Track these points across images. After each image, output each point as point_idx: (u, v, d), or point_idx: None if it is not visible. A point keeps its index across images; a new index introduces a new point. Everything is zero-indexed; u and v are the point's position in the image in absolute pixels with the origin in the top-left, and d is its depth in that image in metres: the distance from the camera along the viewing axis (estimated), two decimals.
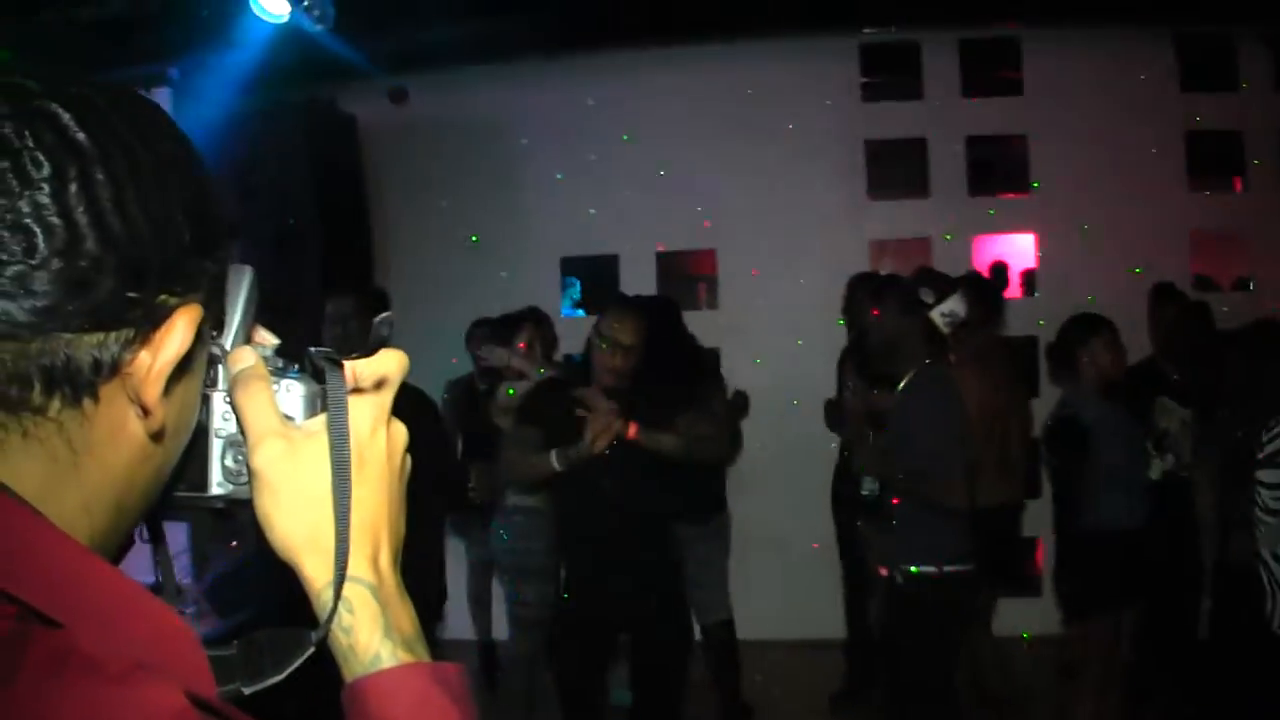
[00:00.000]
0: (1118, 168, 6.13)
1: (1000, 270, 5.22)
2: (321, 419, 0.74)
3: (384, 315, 0.80)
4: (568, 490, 3.77)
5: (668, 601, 3.80)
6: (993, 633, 4.91)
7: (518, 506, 4.60)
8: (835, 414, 5.24)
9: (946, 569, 3.50)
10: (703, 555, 5.05)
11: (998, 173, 6.25)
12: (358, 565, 0.73)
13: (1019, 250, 6.53)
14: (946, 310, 3.61)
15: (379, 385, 0.77)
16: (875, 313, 4.30)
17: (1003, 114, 6.23)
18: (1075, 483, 4.05)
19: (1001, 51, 6.20)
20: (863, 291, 5.16)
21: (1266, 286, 6.27)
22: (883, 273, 5.65)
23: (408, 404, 0.77)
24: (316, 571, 0.72)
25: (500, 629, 5.19)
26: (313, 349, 0.75)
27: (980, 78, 6.21)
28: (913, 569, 3.53)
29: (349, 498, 0.72)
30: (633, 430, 3.56)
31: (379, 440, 0.76)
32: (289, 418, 0.75)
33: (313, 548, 0.72)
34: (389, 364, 0.77)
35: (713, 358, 5.31)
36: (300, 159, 6.28)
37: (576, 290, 6.30)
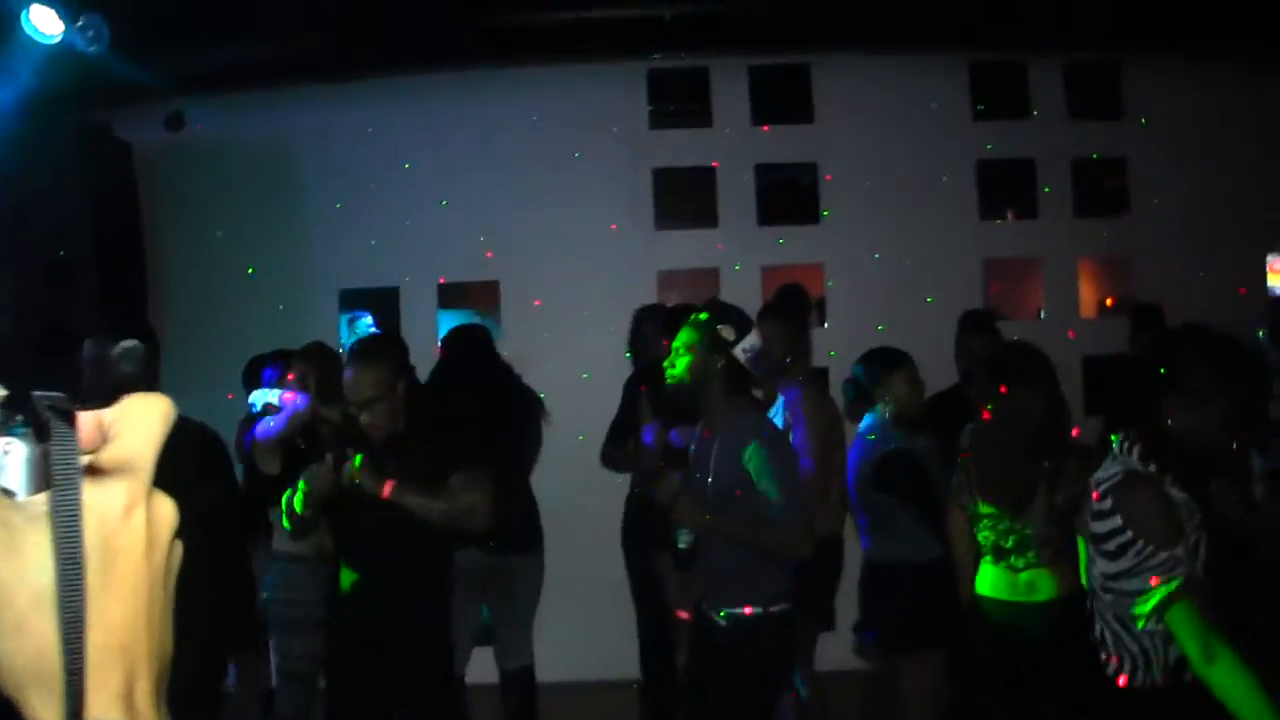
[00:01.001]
0: (909, 196, 6.12)
1: (796, 293, 5.04)
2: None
3: (126, 345, 0.50)
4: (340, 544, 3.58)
5: (436, 664, 3.61)
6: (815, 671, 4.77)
7: (283, 553, 4.42)
8: (617, 456, 5.13)
9: (771, 609, 3.34)
10: (520, 590, 4.88)
11: (787, 201, 6.18)
12: (102, 704, 0.52)
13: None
14: (748, 346, 3.46)
15: (126, 468, 0.54)
16: (666, 344, 4.21)
17: (793, 142, 6.18)
18: (898, 516, 4.01)
19: (791, 79, 6.13)
20: (650, 323, 5.05)
21: (1057, 314, 6.29)
22: (669, 304, 5.54)
23: (193, 444, 0.55)
24: (44, 713, 0.51)
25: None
26: (38, 393, 0.54)
27: (770, 105, 6.14)
28: (735, 611, 3.37)
29: (82, 611, 0.51)
30: (387, 489, 3.30)
31: (135, 525, 0.54)
32: (8, 492, 0.53)
33: (38, 679, 0.51)
34: (146, 416, 0.56)
35: (533, 393, 5.09)
36: (73, 186, 6.04)
37: (370, 323, 6.08)
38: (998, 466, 3.60)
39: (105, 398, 0.56)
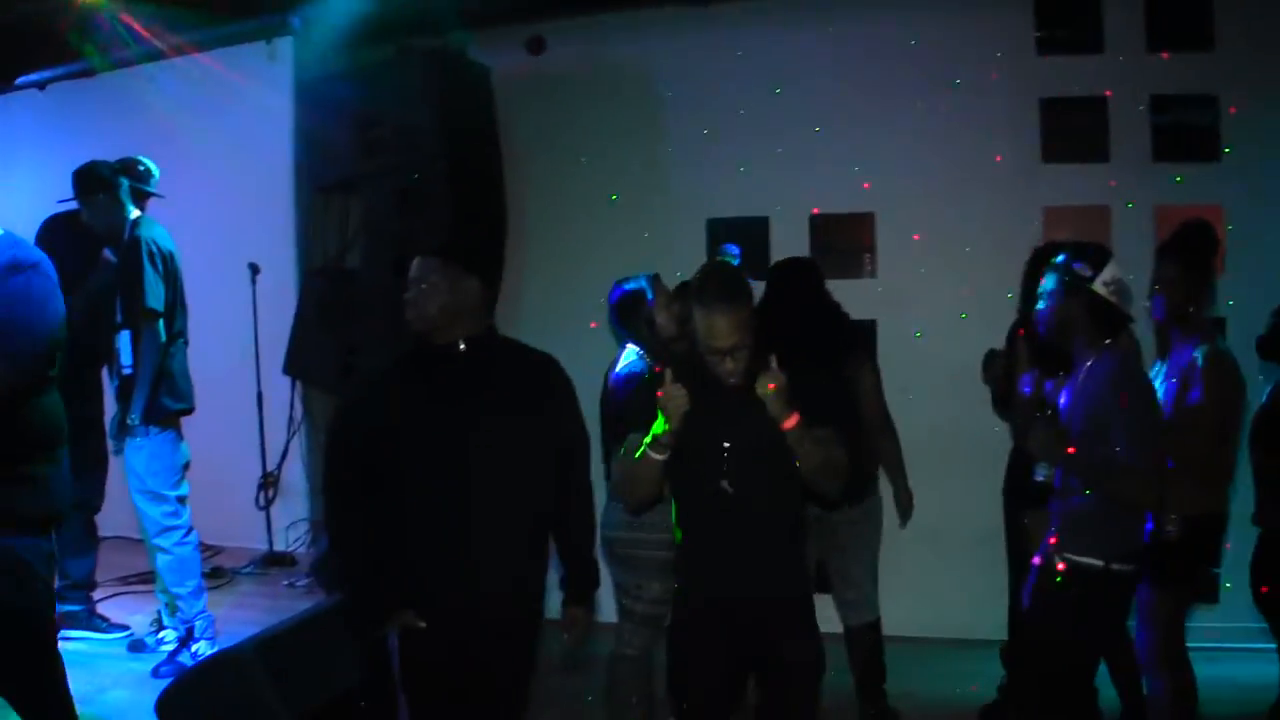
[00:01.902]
0: None
1: (1201, 230, 4.47)
2: None
3: None
4: (683, 488, 3.20)
5: (799, 619, 3.23)
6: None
7: None
8: (1002, 395, 4.77)
9: (1113, 566, 3.17)
10: (851, 544, 4.60)
11: (1185, 136, 5.70)
12: None
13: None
14: (1108, 279, 3.26)
15: None
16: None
17: (1192, 71, 5.68)
18: None
19: (1190, 1, 5.65)
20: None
21: None
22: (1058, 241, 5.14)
23: (533, 376, 0.35)
24: None
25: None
26: None
27: (1167, 30, 5.66)
28: (1078, 560, 3.19)
29: None
30: (793, 420, 2.92)
31: None
32: None
33: None
34: None
35: (860, 329, 4.80)
36: (427, 111, 5.93)
37: (736, 256, 5.79)
38: None
39: None
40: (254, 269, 6.18)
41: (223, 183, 6.45)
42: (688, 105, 5.92)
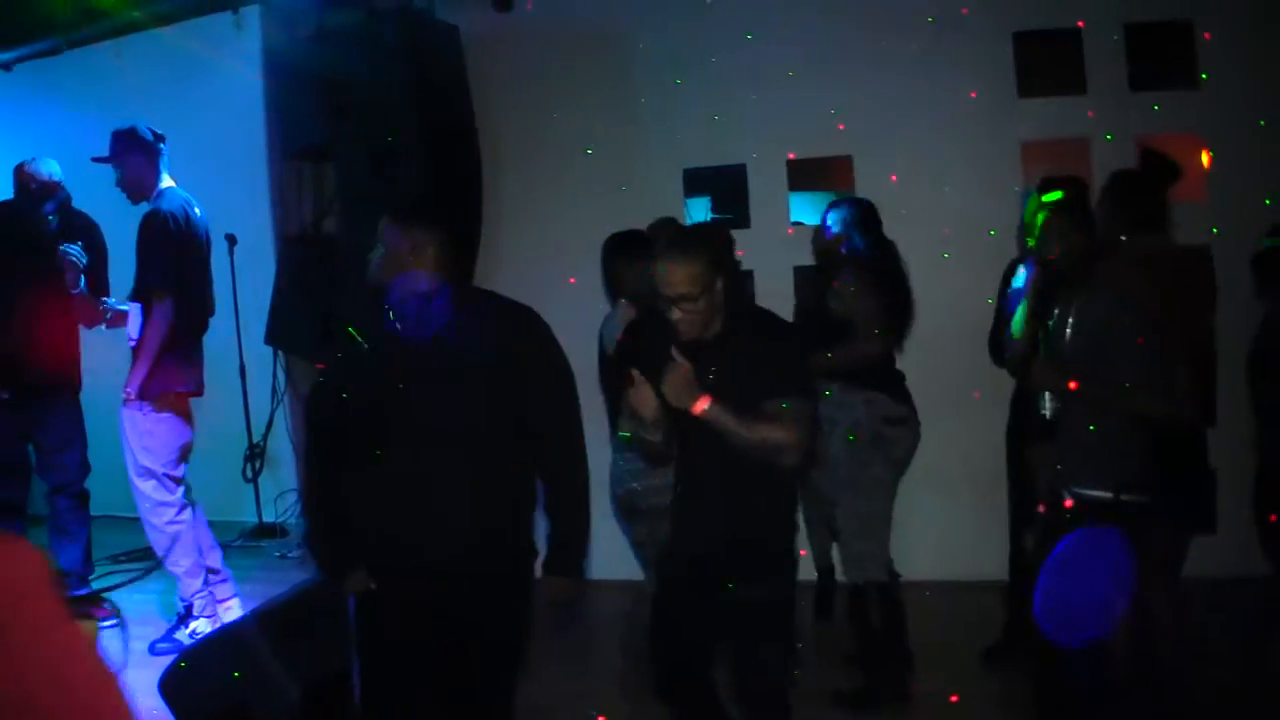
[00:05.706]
0: None
1: (1157, 159, 4.34)
2: None
3: None
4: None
5: (762, 562, 3.12)
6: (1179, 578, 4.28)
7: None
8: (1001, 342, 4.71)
9: (1122, 497, 3.06)
10: (868, 486, 4.51)
11: (1161, 64, 5.64)
12: None
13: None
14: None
15: None
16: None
17: None
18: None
19: None
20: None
21: None
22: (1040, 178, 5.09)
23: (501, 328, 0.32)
24: None
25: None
26: None
27: None
28: (1084, 493, 3.11)
29: None
30: (701, 404, 2.86)
31: None
32: None
33: None
34: None
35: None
36: (397, 72, 5.87)
37: (706, 209, 5.79)
38: None
39: None
40: (230, 240, 6.12)
41: (195, 156, 6.38)
42: (659, 56, 5.85)
